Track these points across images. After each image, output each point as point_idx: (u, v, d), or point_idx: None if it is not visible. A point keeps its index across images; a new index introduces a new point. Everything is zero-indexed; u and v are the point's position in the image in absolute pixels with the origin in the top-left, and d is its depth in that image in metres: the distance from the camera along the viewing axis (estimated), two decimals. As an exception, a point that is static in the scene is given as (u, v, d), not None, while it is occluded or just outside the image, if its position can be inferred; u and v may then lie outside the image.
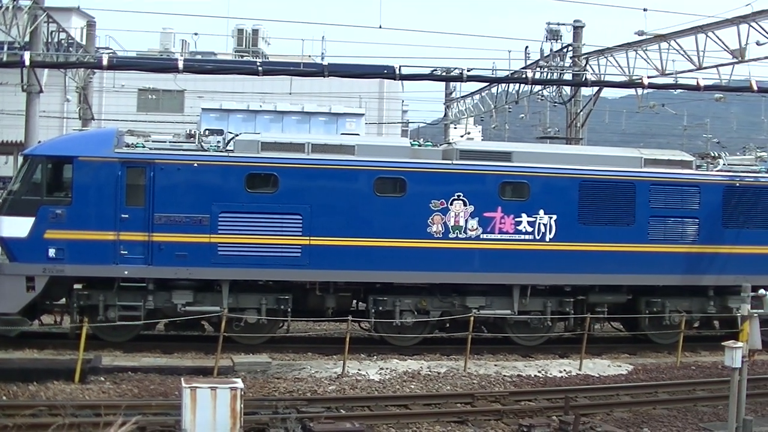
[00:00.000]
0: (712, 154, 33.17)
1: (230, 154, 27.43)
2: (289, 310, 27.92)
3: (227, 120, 37.67)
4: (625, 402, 23.17)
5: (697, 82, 33.17)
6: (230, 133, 29.00)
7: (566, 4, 67.22)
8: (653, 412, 22.51)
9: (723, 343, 18.79)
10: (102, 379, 23.67)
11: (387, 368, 25.73)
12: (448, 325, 29.36)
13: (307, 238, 27.40)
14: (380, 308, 28.46)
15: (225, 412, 16.70)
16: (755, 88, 33.87)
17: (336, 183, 27.77)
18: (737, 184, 31.03)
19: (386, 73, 30.14)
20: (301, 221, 27.37)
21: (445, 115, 70.26)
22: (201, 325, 28.36)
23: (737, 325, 19.55)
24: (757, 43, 35.11)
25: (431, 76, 32.74)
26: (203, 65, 35.65)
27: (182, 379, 17.94)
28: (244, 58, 65.43)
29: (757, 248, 30.98)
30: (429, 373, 25.50)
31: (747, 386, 19.08)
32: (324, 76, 30.70)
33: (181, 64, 31.70)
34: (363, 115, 43.93)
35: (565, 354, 29.43)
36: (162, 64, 38.09)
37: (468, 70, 32.93)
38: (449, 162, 28.58)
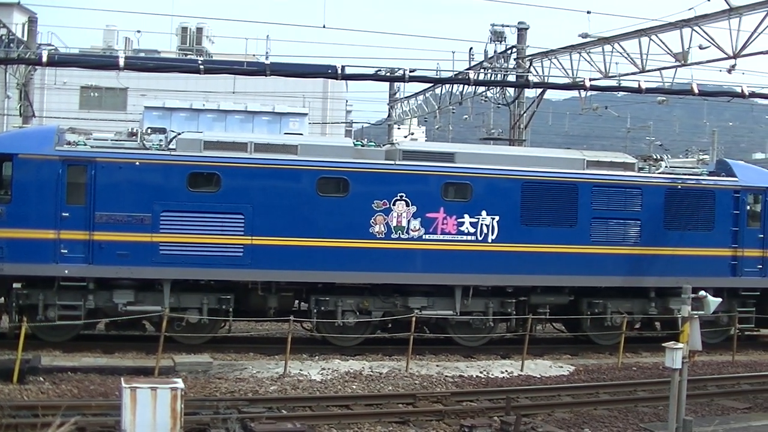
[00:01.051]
0: (655, 157, 33.47)
1: (172, 153, 27.35)
2: (230, 309, 27.86)
3: (170, 118, 37.50)
4: (566, 402, 23.29)
5: (639, 85, 33.51)
6: (173, 131, 28.90)
7: (511, 5, 67.47)
8: (594, 413, 22.65)
9: (663, 344, 18.97)
10: (41, 379, 23.47)
11: (329, 368, 25.75)
12: (390, 325, 29.46)
13: (250, 237, 27.38)
14: (322, 308, 28.49)
15: (165, 413, 16.63)
16: (696, 91, 34.28)
17: (279, 183, 27.75)
18: (679, 187, 31.36)
19: (329, 72, 30.17)
20: (243, 221, 27.35)
21: (389, 116, 70.38)
22: (142, 324, 28.23)
23: (678, 327, 19.71)
24: (700, 47, 35.48)
25: (375, 76, 32.83)
26: (145, 63, 35.50)
27: (122, 379, 17.84)
28: (188, 57, 65.15)
29: (698, 250, 31.34)
30: (371, 373, 25.54)
31: (687, 387, 19.27)
32: (266, 75, 30.68)
33: (122, 62, 31.54)
34: (306, 114, 43.85)
35: (507, 355, 29.60)
36: (103, 61, 37.90)
37: (411, 71, 33.05)
38: (392, 162, 28.67)
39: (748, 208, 32.24)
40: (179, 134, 28.30)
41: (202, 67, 31.58)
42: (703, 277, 30.33)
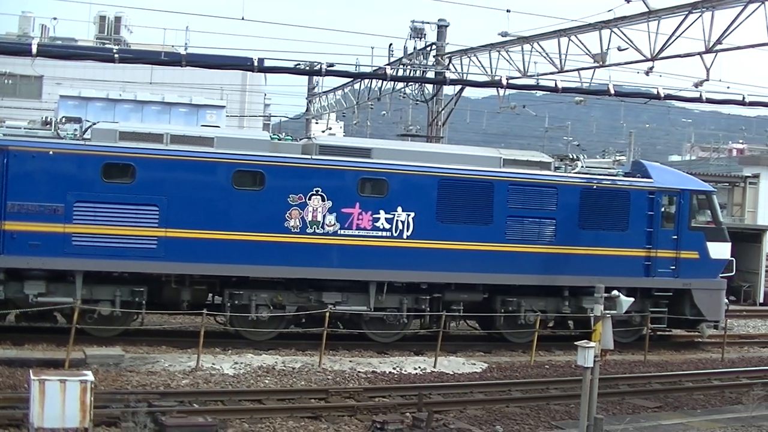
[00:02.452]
0: (571, 157, 33.79)
1: (87, 143, 27.10)
2: (143, 302, 27.67)
3: (86, 108, 37.07)
4: (478, 400, 23.49)
5: (556, 84, 33.82)
6: (88, 121, 28.65)
7: (431, 2, 67.73)
8: (506, 410, 22.86)
9: (576, 343, 19.19)
10: (-53, 370, 23.21)
11: (241, 363, 25.71)
12: (303, 320, 29.46)
13: (164, 230, 27.23)
14: (236, 302, 28.42)
15: (74, 406, 16.53)
16: (613, 92, 34.72)
17: (194, 175, 27.62)
18: (594, 187, 31.68)
19: (247, 65, 30.06)
20: (157, 213, 27.18)
21: (307, 110, 70.35)
22: (53, 316, 27.97)
23: (591, 326, 19.97)
24: (619, 49, 35.86)
25: (293, 70, 32.78)
26: (58, 50, 35.12)
27: (30, 371, 17.71)
28: (106, 46, 64.55)
29: (612, 250, 31.70)
30: (284, 368, 25.54)
31: (598, 385, 19.53)
32: (182, 66, 30.51)
33: (35, 48, 31.13)
34: (224, 107, 43.58)
35: (421, 351, 29.75)
36: (15, 48, 37.28)
37: (330, 65, 33.06)
38: (308, 157, 28.66)
39: (663, 209, 32.65)
40: (94, 124, 28.06)
41: (116, 56, 31.30)
42: (617, 277, 30.69)
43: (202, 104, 40.54)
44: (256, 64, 30.02)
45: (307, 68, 33.23)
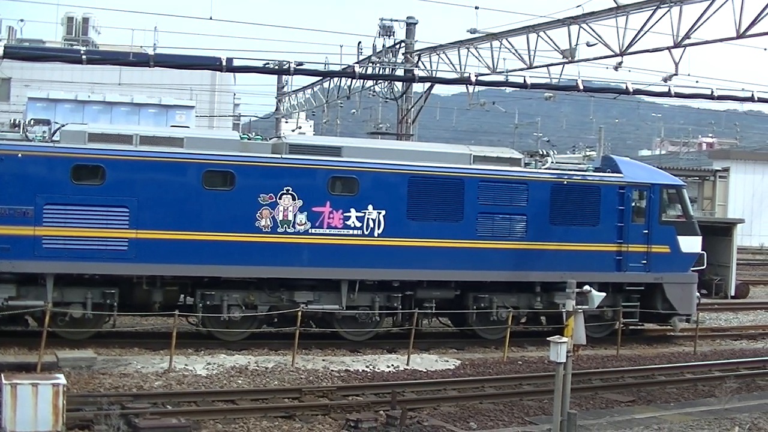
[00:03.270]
0: (541, 153, 33.89)
1: (56, 145, 27.00)
2: (115, 304, 27.57)
3: (54, 110, 36.98)
4: (452, 396, 23.53)
5: (525, 80, 33.94)
6: (57, 123, 28.57)
7: (400, 0, 67.73)
8: (480, 407, 22.93)
9: (548, 339, 19.24)
10: None
11: (214, 363, 25.69)
12: (276, 319, 29.45)
13: (134, 231, 27.15)
14: (208, 303, 28.36)
15: (47, 409, 16.51)
16: (582, 87, 34.84)
17: (164, 176, 27.56)
18: (564, 183, 31.76)
19: (216, 64, 30.03)
20: (128, 214, 27.10)
21: (276, 109, 70.30)
22: (24, 320, 27.88)
23: (563, 321, 20.03)
24: (587, 44, 36.05)
25: (262, 69, 32.71)
26: (26, 51, 34.95)
27: (2, 375, 17.66)
28: (74, 47, 64.28)
29: (583, 245, 31.78)
30: (257, 368, 25.53)
31: (571, 381, 19.57)
32: (150, 66, 30.42)
33: (1, 50, 30.97)
34: (193, 107, 43.52)
35: (393, 349, 29.77)
36: (-18, 51, 37.14)
37: (299, 64, 33.04)
38: (278, 156, 28.64)
39: (633, 204, 32.75)
40: (63, 126, 27.97)
41: (84, 57, 31.19)
42: (589, 272, 30.82)
43: (172, 105, 40.50)
44: (224, 63, 29.98)
45: (276, 67, 33.18)
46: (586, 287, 19.76)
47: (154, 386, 22.95)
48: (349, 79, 50.38)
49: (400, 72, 46.25)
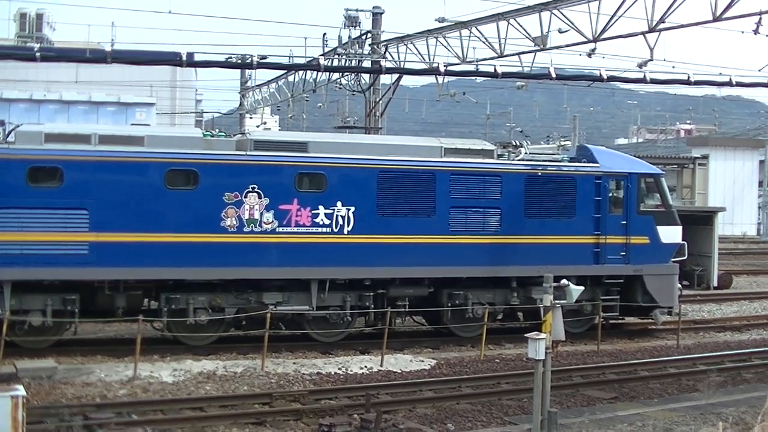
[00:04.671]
0: (514, 144, 33.89)
1: (11, 147, 26.81)
2: (76, 310, 27.40)
3: (9, 110, 36.85)
4: (428, 398, 23.51)
5: (495, 69, 33.88)
6: (11, 123, 28.39)
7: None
8: (457, 407, 22.92)
9: (526, 335, 19.24)
10: None
11: (181, 369, 25.58)
12: (244, 322, 29.31)
13: (95, 234, 26.99)
14: (173, 306, 28.21)
15: (5, 423, 16.34)
16: (554, 75, 34.72)
17: (125, 176, 27.41)
18: (539, 174, 31.79)
19: (176, 60, 29.88)
20: (87, 216, 26.93)
21: (240, 105, 70.16)
22: (-20, 329, 27.69)
23: (541, 317, 20.03)
24: (559, 31, 36.05)
25: (224, 63, 32.58)
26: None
27: (-42, 386, 17.50)
28: (27, 44, 63.94)
29: (560, 238, 31.81)
30: (225, 373, 25.45)
31: (551, 378, 19.58)
32: (107, 63, 30.21)
33: (-51, 49, 30.81)
34: (154, 104, 43.53)
35: (366, 350, 29.74)
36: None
37: (262, 58, 32.94)
38: (243, 153, 28.54)
39: (610, 194, 32.79)
40: (18, 126, 27.78)
41: (39, 54, 30.95)
42: (566, 266, 30.88)
43: (131, 102, 40.43)
44: (185, 58, 29.79)
45: (239, 61, 33.18)
46: (564, 281, 19.77)
47: (119, 395, 22.83)
48: (315, 72, 50.31)
49: (366, 64, 46.21)
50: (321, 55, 45.65)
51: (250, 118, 74.31)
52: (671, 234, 33.54)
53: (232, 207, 28.15)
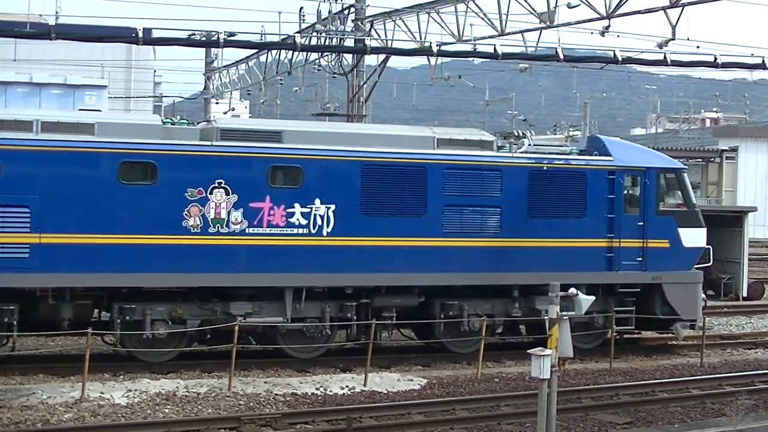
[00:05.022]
0: (517, 134, 33.83)
1: (-60, 136, 26.80)
2: (15, 323, 27.37)
3: (-65, 94, 36.73)
4: (418, 422, 23.49)
5: (495, 49, 33.91)
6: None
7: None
8: (450, 433, 22.97)
9: (529, 351, 19.26)
10: None
11: (136, 390, 25.53)
12: (209, 336, 29.32)
13: (37, 235, 26.94)
14: (127, 318, 28.16)
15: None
16: (562, 56, 34.75)
17: (72, 169, 27.34)
18: (545, 168, 31.81)
19: (131, 36, 29.83)
20: (29, 215, 26.88)
21: (205, 88, 70.11)
22: None
23: (545, 330, 20.06)
24: (569, 6, 36.04)
25: (187, 41, 32.62)
26: None
27: None
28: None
29: (568, 241, 31.85)
30: (187, 393, 25.42)
31: (557, 400, 19.61)
32: (51, 39, 30.12)
33: None
34: (106, 87, 43.47)
35: (348, 367, 29.76)
36: None
37: (230, 35, 32.94)
38: (208, 143, 28.51)
39: (626, 191, 32.86)
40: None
41: (-29, 29, 30.95)
42: (575, 272, 30.91)
43: (80, 84, 40.36)
44: (141, 35, 29.76)
45: (203, 39, 33.14)
46: (572, 290, 19.81)
47: (64, 420, 22.77)
48: (290, 52, 50.32)
49: (349, 42, 46.18)
50: (297, 32, 45.59)
51: (217, 103, 74.36)
52: (695, 237, 33.60)
53: (196, 205, 28.11)
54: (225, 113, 68.55)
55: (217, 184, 28.29)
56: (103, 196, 27.43)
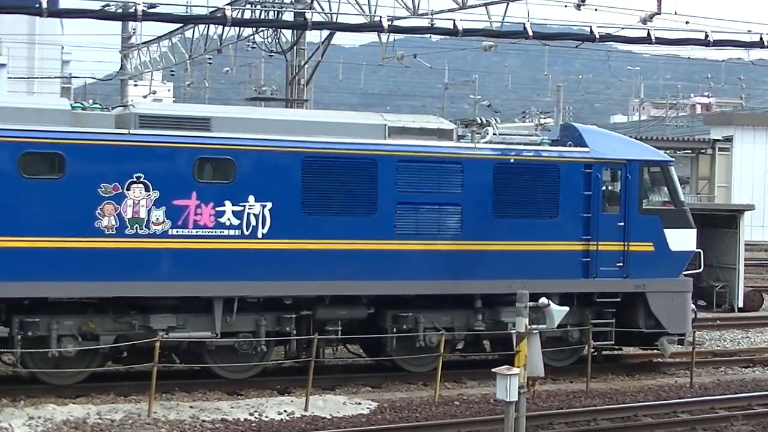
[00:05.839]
0: (480, 121, 33.86)
1: None
2: None
3: None
4: (366, 452, 23.63)
5: (455, 25, 33.98)
6: None
7: None
8: (404, 464, 23.06)
9: (494, 370, 19.34)
10: None
11: (40, 417, 25.45)
12: (125, 354, 29.25)
13: None
14: (29, 334, 28.00)
15: None
16: (531, 33, 34.83)
17: (-36, 161, 27.27)
18: (512, 161, 31.88)
19: (34, 7, 29.74)
20: None
21: (121, 68, 69.96)
22: None
23: (513, 346, 20.14)
24: (539, -26, 36.22)
25: (98, 13, 32.47)
26: None
27: None
28: None
29: (538, 244, 31.95)
30: (99, 421, 25.39)
31: (527, 426, 19.71)
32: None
33: None
34: (5, 66, 43.29)
35: (287, 389, 29.80)
36: None
37: (150, 6, 32.84)
38: (125, 132, 28.40)
39: (604, 187, 33.00)
40: None
41: None
42: (546, 280, 31.07)
43: (-26, 63, 40.10)
44: (45, 6, 29.69)
45: (119, 11, 32.98)
46: (543, 300, 19.91)
47: (-45, 452, 22.74)
48: (220, 27, 50.26)
49: (288, 16, 46.21)
50: (228, 3, 45.62)
51: (135, 85, 74.19)
52: (683, 239, 33.79)
53: (110, 202, 28.00)
54: (145, 97, 68.53)
55: (135, 179, 28.19)
56: (1, 192, 27.30)
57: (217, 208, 28.87)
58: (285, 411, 27.12)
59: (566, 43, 39.38)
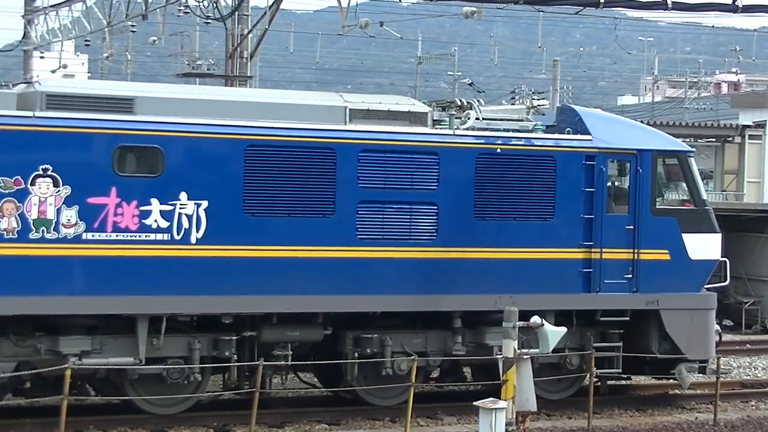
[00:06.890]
0: (460, 103, 33.82)
1: None
2: None
3: None
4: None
5: (432, -15, 34.15)
6: None
7: None
8: None
9: (476, 403, 19.40)
10: None
11: None
12: (28, 384, 29.18)
13: None
14: None
15: None
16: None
17: None
18: (498, 151, 31.89)
19: None
20: None
21: (24, 37, 69.87)
22: None
23: (499, 375, 20.21)
24: None
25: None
26: None
27: None
28: None
29: (529, 251, 31.98)
30: (-3, 465, 25.43)
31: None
32: None
33: None
34: None
35: (226, 426, 29.79)
36: None
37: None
38: (29, 114, 28.34)
39: (610, 183, 33.05)
40: None
41: None
42: (539, 294, 31.09)
43: None
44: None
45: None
46: (536, 319, 19.98)
47: None
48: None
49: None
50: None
51: (42, 58, 73.99)
52: (705, 246, 33.87)
53: (11, 200, 27.91)
54: (53, 72, 68.37)
55: (41, 171, 28.10)
56: None
57: (142, 208, 28.79)
58: (223, 452, 27.22)
59: (564, 8, 39.55)
